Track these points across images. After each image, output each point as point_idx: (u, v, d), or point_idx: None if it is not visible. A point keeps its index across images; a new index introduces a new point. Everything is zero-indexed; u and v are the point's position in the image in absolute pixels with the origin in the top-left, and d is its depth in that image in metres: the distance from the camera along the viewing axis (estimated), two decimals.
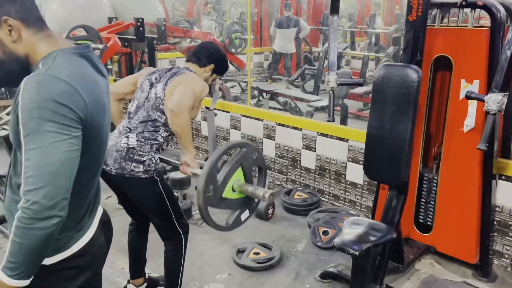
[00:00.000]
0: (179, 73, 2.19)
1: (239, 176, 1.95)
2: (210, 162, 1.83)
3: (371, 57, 6.98)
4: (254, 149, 2.00)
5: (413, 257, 2.81)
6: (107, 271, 2.76)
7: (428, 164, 2.91)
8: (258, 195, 1.91)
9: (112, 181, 2.15)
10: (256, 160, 2.01)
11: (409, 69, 2.21)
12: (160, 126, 2.13)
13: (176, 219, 2.20)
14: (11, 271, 1.08)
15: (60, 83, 1.09)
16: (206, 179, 1.80)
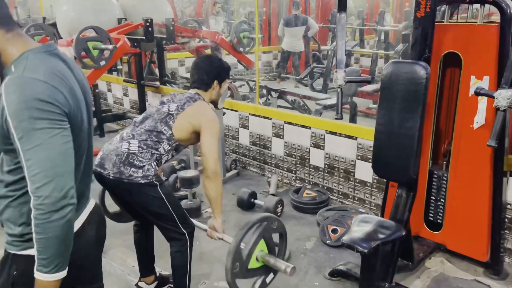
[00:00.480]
0: (194, 99, 2.25)
1: (262, 247, 2.07)
2: (235, 242, 1.96)
3: (380, 54, 6.93)
4: (273, 219, 2.12)
5: (423, 255, 2.79)
6: (118, 269, 2.79)
7: (438, 161, 2.89)
8: (279, 268, 2.03)
9: (109, 185, 2.15)
10: (277, 229, 2.14)
11: (417, 66, 2.19)
12: (164, 139, 2.16)
13: (180, 221, 2.20)
14: (47, 267, 1.13)
15: (39, 83, 1.13)
16: (233, 259, 1.94)
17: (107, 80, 6.11)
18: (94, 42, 4.00)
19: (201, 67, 2.34)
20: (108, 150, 2.16)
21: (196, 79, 2.33)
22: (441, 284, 2.63)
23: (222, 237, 2.21)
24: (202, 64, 2.35)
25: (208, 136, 2.15)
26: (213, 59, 2.41)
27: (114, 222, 3.33)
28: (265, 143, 4.19)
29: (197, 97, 2.28)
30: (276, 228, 2.14)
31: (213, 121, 2.21)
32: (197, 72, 2.34)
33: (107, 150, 2.16)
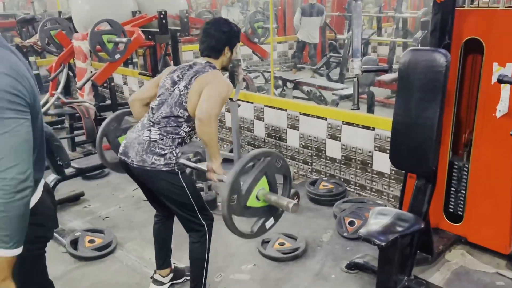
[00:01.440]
0: (202, 72, 2.17)
1: (263, 185, 1.96)
2: (234, 172, 1.84)
3: (398, 43, 6.78)
4: (278, 157, 2.00)
5: (443, 247, 2.73)
6: (135, 262, 2.81)
7: (458, 152, 2.81)
8: (281, 205, 1.92)
9: (134, 173, 2.18)
10: (281, 169, 2.01)
11: (437, 53, 2.12)
12: (183, 122, 2.14)
13: (200, 212, 2.20)
14: (7, 243, 1.24)
15: (4, 77, 1.23)
16: (230, 189, 1.82)
17: (123, 73, 6.14)
18: (108, 36, 4.01)
19: (210, 33, 2.21)
20: (130, 138, 2.18)
21: (206, 46, 2.23)
22: (461, 277, 2.57)
23: (222, 178, 2.09)
24: (212, 31, 2.22)
25: (208, 95, 2.05)
26: (222, 23, 2.25)
27: (131, 217, 3.38)
28: (280, 135, 4.15)
29: (206, 69, 2.18)
30: (280, 168, 1.99)
31: (219, 82, 2.12)
32: (207, 39, 2.22)
33: (130, 138, 2.18)
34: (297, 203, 1.90)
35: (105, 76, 4.26)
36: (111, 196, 3.75)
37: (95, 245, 2.91)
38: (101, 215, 3.43)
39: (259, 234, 2.02)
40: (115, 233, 3.08)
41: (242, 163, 1.88)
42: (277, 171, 1.99)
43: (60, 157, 3.13)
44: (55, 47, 5.15)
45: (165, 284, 2.52)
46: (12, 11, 7.70)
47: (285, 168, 2.03)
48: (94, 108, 4.55)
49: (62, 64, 4.84)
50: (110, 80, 4.87)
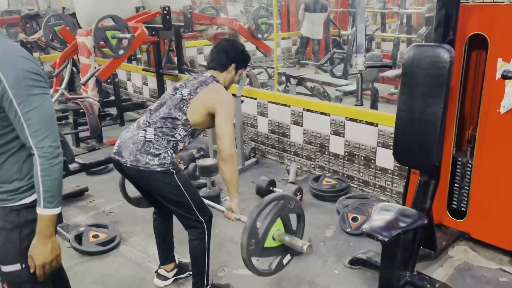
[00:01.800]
0: (206, 83, 2.22)
1: (279, 226, 2.05)
2: (251, 219, 1.93)
3: (402, 38, 6.75)
4: (291, 199, 2.09)
5: (446, 243, 2.73)
6: (139, 257, 2.83)
7: (462, 148, 2.81)
8: (296, 247, 2.01)
9: (127, 173, 2.17)
10: (294, 209, 2.10)
11: (441, 49, 2.11)
12: (179, 125, 2.15)
13: (197, 209, 2.20)
14: (52, 203, 1.42)
15: (24, 60, 1.39)
16: (248, 235, 1.91)
17: (127, 69, 6.15)
18: (112, 31, 4.01)
19: (222, 46, 2.32)
20: (125, 138, 2.17)
21: (215, 58, 2.30)
22: (464, 273, 2.57)
23: (240, 217, 2.18)
24: (224, 44, 2.34)
25: (223, 117, 2.13)
26: (237, 43, 2.39)
27: (135, 212, 3.39)
28: (284, 131, 4.15)
29: (210, 80, 2.25)
30: (293, 208, 2.09)
31: (227, 102, 2.17)
32: (217, 51, 2.31)
33: (124, 138, 2.18)
34: (310, 245, 2.00)
35: (108, 72, 4.27)
36: (115, 191, 3.76)
37: (99, 240, 2.92)
38: (105, 210, 3.45)
39: (278, 271, 2.13)
40: (119, 228, 3.10)
41: (258, 210, 1.96)
42: (290, 211, 2.09)
43: (64, 153, 3.12)
44: (59, 43, 5.17)
45: (169, 279, 2.53)
46: (17, 7, 7.73)
47: (298, 207, 2.13)
48: (98, 103, 4.56)
49: (66, 60, 4.86)
50: (114, 76, 4.88)
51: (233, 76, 2.34)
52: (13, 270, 1.50)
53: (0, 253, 1.49)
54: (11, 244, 1.48)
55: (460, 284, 2.48)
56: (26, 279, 1.51)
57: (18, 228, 1.48)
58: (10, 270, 1.50)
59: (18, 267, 1.49)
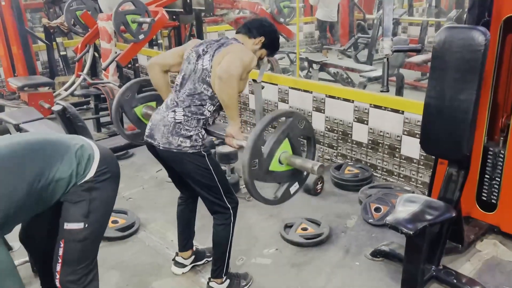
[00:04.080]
0: (226, 44, 2.11)
1: (286, 148, 1.85)
2: (254, 134, 1.75)
3: (431, 22, 6.49)
4: (301, 118, 1.88)
5: (474, 237, 2.62)
6: (157, 243, 2.82)
7: (494, 137, 2.66)
8: (306, 168, 1.80)
9: (160, 155, 2.16)
10: (304, 130, 1.89)
11: (475, 31, 1.97)
12: (207, 99, 2.08)
13: (225, 194, 2.16)
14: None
15: None
16: (251, 153, 1.72)
17: (148, 55, 6.12)
18: (132, 16, 3.98)
19: (259, 19, 2.27)
20: (156, 120, 2.15)
21: (248, 24, 2.22)
22: (493, 268, 2.46)
23: (242, 143, 2.00)
24: (262, 19, 2.28)
25: (228, 59, 1.95)
26: (274, 26, 2.29)
27: (154, 198, 3.38)
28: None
29: (232, 41, 2.12)
30: (303, 129, 1.88)
31: (242, 50, 2.05)
32: (252, 21, 2.24)
33: (155, 120, 2.15)
34: (322, 165, 1.79)
35: (129, 57, 4.25)
36: (135, 176, 3.77)
37: (118, 226, 2.92)
38: (124, 195, 3.45)
39: (284, 200, 1.93)
40: (138, 214, 3.10)
41: (263, 124, 1.77)
42: (300, 132, 1.88)
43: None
44: (81, 28, 5.17)
45: (186, 266, 2.51)
46: None
47: (308, 129, 1.93)
48: (118, 89, 4.55)
49: (87, 45, 4.87)
50: (134, 61, 4.86)
51: (256, 50, 2.20)
52: (75, 228, 1.64)
53: (70, 211, 1.64)
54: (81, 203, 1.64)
55: (489, 279, 2.37)
56: (83, 238, 1.66)
57: (88, 190, 1.64)
58: (73, 227, 1.64)
59: (81, 225, 1.64)
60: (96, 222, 1.70)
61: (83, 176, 1.64)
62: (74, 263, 1.69)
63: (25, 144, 1.60)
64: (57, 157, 1.61)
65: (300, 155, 1.91)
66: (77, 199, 1.65)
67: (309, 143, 1.98)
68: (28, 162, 1.55)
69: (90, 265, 1.74)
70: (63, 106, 2.95)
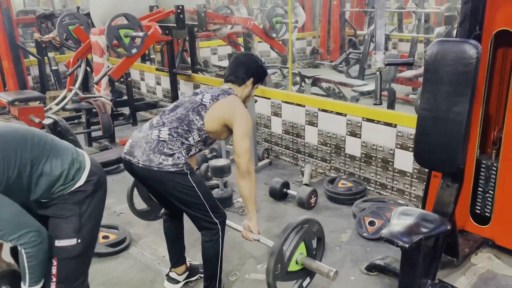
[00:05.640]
0: (228, 93, 2.19)
1: (302, 250, 2.10)
2: (278, 243, 1.98)
3: (420, 38, 6.59)
4: (315, 223, 2.15)
5: (469, 250, 2.61)
6: (149, 259, 2.76)
7: (486, 150, 2.68)
8: (322, 272, 2.05)
9: (138, 174, 2.09)
10: (317, 232, 2.17)
11: (467, 44, 1.99)
12: (195, 129, 2.09)
13: (211, 210, 2.13)
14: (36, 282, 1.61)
15: None
16: (275, 260, 1.96)
17: (140, 69, 6.12)
18: (125, 30, 3.98)
19: (241, 61, 2.30)
20: (137, 137, 2.11)
21: (234, 71, 2.27)
22: (489, 282, 2.44)
23: (258, 238, 2.20)
24: (243, 59, 2.33)
25: (241, 134, 2.11)
26: (255, 58, 2.37)
27: None
28: (298, 131, 4.05)
29: (231, 91, 2.23)
30: (316, 231, 2.15)
31: (246, 118, 2.15)
32: (236, 65, 2.29)
33: (136, 138, 2.11)
34: (337, 271, 2.03)
35: (121, 71, 4.24)
36: (126, 191, 3.70)
37: (109, 241, 2.87)
38: (115, 210, 3.40)
39: None
40: (130, 229, 3.04)
41: (285, 235, 2.01)
42: (313, 235, 2.16)
43: None
44: (73, 42, 5.16)
45: (180, 282, 2.46)
46: (32, 7, 7.78)
47: (320, 231, 2.18)
48: (110, 103, 4.53)
49: (79, 59, 4.85)
50: (126, 75, 4.85)
51: (250, 91, 2.30)
52: (67, 245, 1.60)
53: (61, 227, 1.60)
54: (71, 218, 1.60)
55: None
56: (77, 254, 1.63)
57: (78, 204, 1.62)
58: (66, 244, 1.60)
59: (74, 241, 1.61)
60: (87, 235, 1.67)
61: (72, 183, 1.62)
62: (70, 281, 1.65)
63: (28, 130, 1.64)
64: (54, 152, 1.61)
65: (312, 253, 2.17)
66: (68, 214, 1.62)
67: (319, 243, 2.23)
68: (28, 143, 1.56)
69: (85, 281, 1.71)
70: (54, 119, 2.93)
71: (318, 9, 8.35)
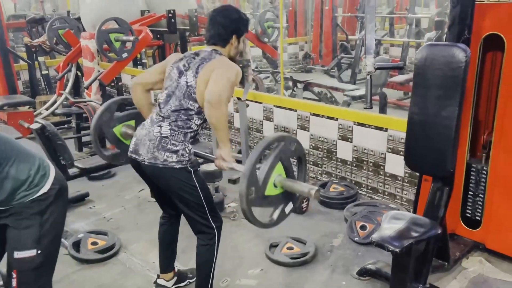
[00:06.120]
0: (208, 59, 2.07)
1: (279, 171, 1.88)
2: (249, 163, 1.76)
3: (411, 43, 6.64)
4: (292, 140, 1.93)
5: (459, 254, 2.60)
6: (138, 265, 2.73)
7: (476, 154, 2.68)
8: (303, 192, 1.85)
9: (145, 171, 2.10)
10: (295, 151, 1.94)
11: (456, 48, 2.00)
12: (194, 114, 2.05)
13: (210, 213, 2.11)
14: None
15: None
16: (247, 182, 1.74)
17: (132, 74, 6.09)
18: (116, 34, 3.95)
19: (217, 20, 2.11)
20: (141, 135, 2.10)
21: (213, 34, 2.12)
22: (480, 286, 2.44)
23: (232, 165, 2.02)
24: (219, 18, 2.11)
25: (215, 78, 1.96)
26: (231, 11, 2.16)
27: (136, 218, 3.30)
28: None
29: (212, 55, 2.09)
30: (294, 150, 1.92)
31: (227, 65, 2.02)
32: (213, 26, 2.11)
33: (140, 135, 2.10)
34: (319, 189, 1.82)
35: (112, 75, 4.20)
36: (116, 197, 3.68)
37: (98, 247, 2.83)
38: (105, 216, 3.36)
39: (280, 221, 1.94)
40: (119, 235, 3.01)
41: (256, 152, 1.79)
42: (291, 154, 1.91)
43: (63, 157, 3.06)
44: (63, 47, 5.12)
45: None
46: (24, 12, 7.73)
47: (299, 150, 1.96)
48: None
49: (70, 64, 4.81)
50: (117, 79, 4.81)
51: (237, 46, 2.17)
52: (27, 256, 1.55)
53: (19, 238, 1.55)
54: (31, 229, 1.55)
55: None
56: (37, 266, 1.57)
57: (39, 213, 1.56)
58: (25, 256, 1.54)
59: (33, 252, 1.55)
60: (49, 246, 1.62)
61: (36, 189, 1.57)
62: None
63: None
64: (21, 156, 1.58)
65: (293, 176, 1.93)
66: (27, 224, 1.56)
67: (300, 163, 2.00)
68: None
69: None
70: (41, 124, 2.89)
71: (310, 14, 8.38)
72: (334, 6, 7.79)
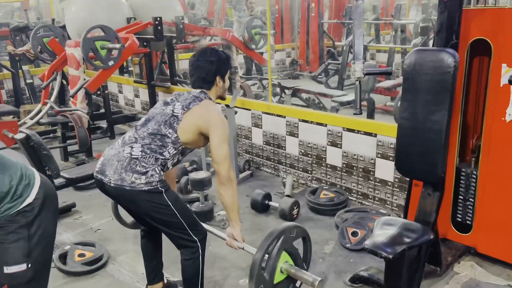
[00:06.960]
0: (199, 99, 2.10)
1: (285, 258, 2.05)
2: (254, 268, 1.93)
3: (397, 49, 6.71)
4: (291, 228, 2.08)
5: (451, 259, 2.60)
6: (127, 276, 2.67)
7: (466, 158, 2.69)
8: (307, 281, 2.01)
9: (111, 193, 2.01)
10: (297, 235, 2.11)
11: (444, 53, 2.01)
12: (169, 143, 2.01)
13: (190, 228, 2.05)
14: None
15: None
16: (255, 283, 1.92)
17: (118, 82, 6.03)
18: (101, 42, 3.91)
19: (198, 65, 2.15)
20: (109, 155, 2.02)
21: (196, 78, 2.16)
22: None
23: (243, 246, 2.14)
24: (200, 62, 2.15)
25: (218, 141, 2.03)
26: (209, 53, 2.17)
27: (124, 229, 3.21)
28: (279, 142, 4.03)
29: (203, 96, 2.12)
30: (296, 235, 2.09)
31: (221, 124, 2.06)
32: (196, 71, 2.16)
33: (108, 155, 2.02)
34: (322, 280, 2.02)
35: (98, 83, 4.15)
36: (103, 207, 3.60)
37: (85, 259, 2.76)
38: (93, 227, 3.29)
39: None
40: (107, 246, 2.94)
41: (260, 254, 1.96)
42: (294, 239, 2.09)
43: (49, 167, 2.99)
44: (48, 55, 5.05)
45: None
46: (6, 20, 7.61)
47: (300, 232, 2.13)
48: (87, 116, 4.43)
49: (55, 72, 4.74)
50: (104, 88, 4.76)
51: (222, 85, 2.21)
52: (17, 271, 1.51)
53: (8, 253, 1.50)
54: (19, 243, 1.50)
55: None
56: (29, 280, 1.53)
57: (26, 226, 1.51)
58: (15, 270, 1.51)
59: (23, 267, 1.51)
60: (40, 258, 1.56)
61: (20, 200, 1.51)
62: None
63: None
64: (1, 167, 1.52)
65: (298, 257, 2.12)
66: (14, 238, 1.51)
67: (305, 242, 2.19)
68: None
69: None
70: (26, 134, 2.82)
71: (297, 21, 8.42)
72: (320, 12, 7.84)
